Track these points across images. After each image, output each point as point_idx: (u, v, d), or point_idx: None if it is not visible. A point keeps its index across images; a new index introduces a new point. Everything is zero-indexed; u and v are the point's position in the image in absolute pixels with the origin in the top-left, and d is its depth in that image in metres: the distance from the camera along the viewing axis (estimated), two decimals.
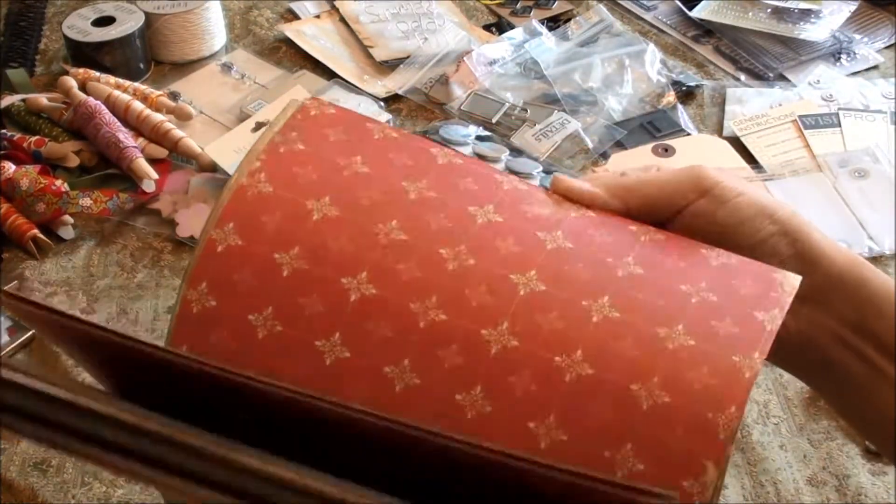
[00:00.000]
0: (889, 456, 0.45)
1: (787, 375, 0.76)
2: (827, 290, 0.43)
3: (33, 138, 0.97)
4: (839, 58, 1.14)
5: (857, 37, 1.17)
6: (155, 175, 0.93)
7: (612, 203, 0.44)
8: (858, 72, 1.13)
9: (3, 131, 0.99)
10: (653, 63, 1.11)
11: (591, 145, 1.01)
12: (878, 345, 0.42)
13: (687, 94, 1.09)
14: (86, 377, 0.62)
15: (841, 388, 0.44)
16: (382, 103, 1.06)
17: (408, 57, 1.12)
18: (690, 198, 0.44)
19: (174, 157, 0.98)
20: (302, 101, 0.47)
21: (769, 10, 1.17)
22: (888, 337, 0.42)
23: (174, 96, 1.05)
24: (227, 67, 1.11)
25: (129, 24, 1.08)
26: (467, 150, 0.96)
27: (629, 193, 0.44)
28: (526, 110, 1.04)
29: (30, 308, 0.37)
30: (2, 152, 0.95)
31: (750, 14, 1.17)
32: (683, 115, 1.05)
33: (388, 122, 1.03)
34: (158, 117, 0.99)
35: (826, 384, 0.46)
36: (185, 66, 1.12)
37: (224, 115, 1.05)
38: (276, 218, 0.42)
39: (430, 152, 0.45)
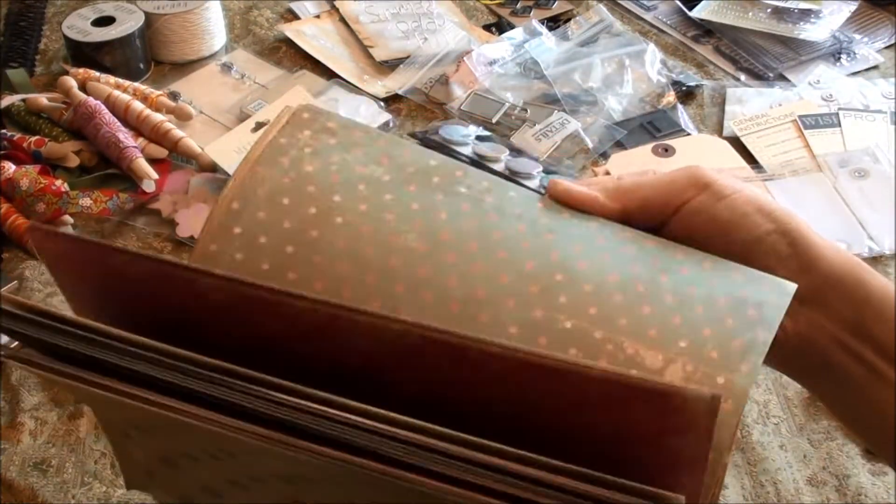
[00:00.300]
0: (887, 459, 0.45)
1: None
2: (825, 292, 0.42)
3: (33, 138, 0.97)
4: (839, 58, 1.14)
5: (857, 37, 1.17)
6: (155, 175, 0.93)
7: (609, 205, 0.44)
8: (858, 72, 1.13)
9: (3, 131, 0.99)
10: (653, 63, 1.11)
11: (591, 145, 1.01)
12: (877, 347, 0.42)
13: (687, 94, 1.09)
14: None
15: (839, 391, 0.44)
16: (382, 103, 1.06)
17: (408, 57, 1.12)
18: (688, 195, 0.44)
19: (174, 157, 0.98)
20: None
21: (769, 10, 1.17)
22: (887, 340, 0.41)
23: (174, 96, 1.05)
24: (227, 67, 1.12)
25: (129, 24, 1.08)
26: (467, 150, 0.96)
27: (626, 196, 0.44)
28: (526, 110, 1.04)
29: (61, 240, 0.37)
30: (2, 152, 0.95)
31: (750, 14, 1.17)
32: (683, 115, 1.05)
33: (387, 122, 1.03)
34: (158, 117, 0.99)
35: (824, 387, 0.45)
36: (185, 66, 1.12)
37: (224, 115, 1.05)
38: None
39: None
